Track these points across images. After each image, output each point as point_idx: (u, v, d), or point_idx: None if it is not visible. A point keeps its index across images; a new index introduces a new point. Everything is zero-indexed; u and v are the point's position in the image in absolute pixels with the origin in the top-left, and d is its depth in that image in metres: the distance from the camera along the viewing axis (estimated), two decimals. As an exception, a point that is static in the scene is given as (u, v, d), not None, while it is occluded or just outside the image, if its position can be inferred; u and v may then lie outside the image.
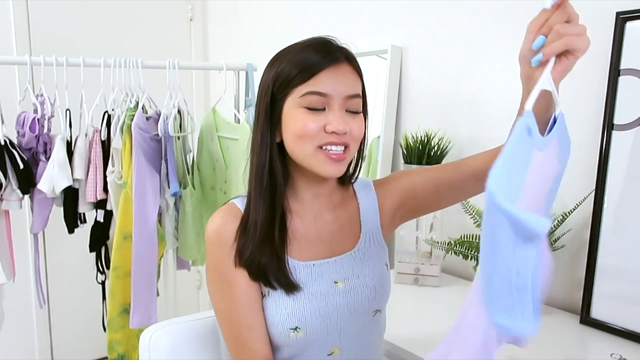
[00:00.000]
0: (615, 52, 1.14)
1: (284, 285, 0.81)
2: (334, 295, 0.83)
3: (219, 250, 0.83)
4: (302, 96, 0.78)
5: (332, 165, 0.79)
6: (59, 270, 2.32)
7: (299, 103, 0.78)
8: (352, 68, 0.82)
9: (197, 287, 2.80)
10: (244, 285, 0.82)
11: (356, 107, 0.81)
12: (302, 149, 0.79)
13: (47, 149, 1.57)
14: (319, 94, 0.77)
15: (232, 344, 0.85)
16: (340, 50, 0.81)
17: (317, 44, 0.80)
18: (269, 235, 0.82)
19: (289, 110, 0.80)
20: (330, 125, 0.77)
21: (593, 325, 1.16)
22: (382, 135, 1.67)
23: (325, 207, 0.89)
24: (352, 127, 0.79)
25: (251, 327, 0.82)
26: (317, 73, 0.78)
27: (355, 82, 0.82)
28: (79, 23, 2.29)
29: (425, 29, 1.60)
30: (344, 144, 0.79)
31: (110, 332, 1.64)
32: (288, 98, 0.79)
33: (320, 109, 0.78)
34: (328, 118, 0.78)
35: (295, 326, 0.81)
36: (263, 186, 0.82)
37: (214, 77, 2.61)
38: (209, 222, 0.85)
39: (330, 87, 0.78)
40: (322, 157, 0.79)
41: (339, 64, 0.79)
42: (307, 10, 2.04)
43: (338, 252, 0.87)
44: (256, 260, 0.81)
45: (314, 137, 0.78)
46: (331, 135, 0.78)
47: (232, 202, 0.88)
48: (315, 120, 0.78)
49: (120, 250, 1.58)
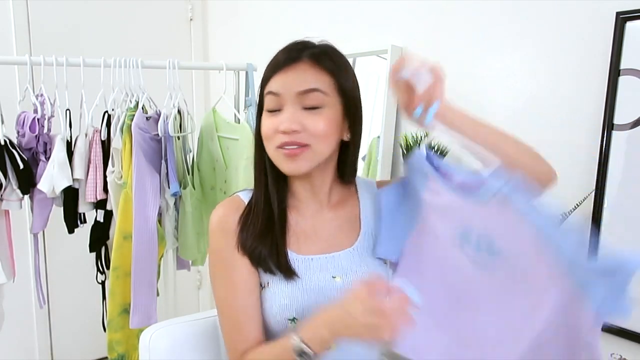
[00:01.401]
0: (615, 52, 1.14)
1: (283, 270, 0.84)
2: (331, 290, 0.85)
3: (221, 237, 0.86)
4: (264, 97, 0.84)
5: (288, 163, 0.83)
6: (59, 270, 2.32)
7: (264, 105, 0.85)
8: (312, 64, 0.82)
9: (197, 287, 2.80)
10: (244, 273, 0.85)
11: (313, 103, 0.81)
12: (268, 150, 0.85)
13: (47, 149, 1.57)
14: (272, 93, 0.82)
15: (228, 329, 0.87)
16: (304, 50, 0.83)
17: (287, 46, 0.85)
18: (269, 226, 0.85)
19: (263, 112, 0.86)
20: (281, 125, 0.81)
21: (593, 325, 1.16)
22: (382, 135, 1.66)
23: (324, 205, 0.91)
24: (307, 124, 0.80)
25: (246, 312, 0.84)
26: (274, 74, 0.82)
27: (313, 77, 0.81)
28: (79, 23, 2.29)
29: (425, 29, 1.60)
30: (294, 143, 0.81)
31: (110, 332, 1.64)
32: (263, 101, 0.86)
33: (277, 109, 0.82)
34: (280, 118, 0.81)
35: (293, 317, 0.83)
36: (262, 182, 0.88)
37: (214, 77, 2.61)
38: (212, 212, 0.89)
39: (280, 86, 0.82)
40: (280, 156, 0.83)
41: (295, 63, 0.82)
42: (307, 10, 2.04)
43: (337, 248, 0.89)
44: (257, 249, 0.84)
45: (271, 138, 0.83)
46: (283, 135, 0.81)
47: (237, 194, 0.92)
48: (271, 122, 0.83)
49: (120, 250, 1.58)
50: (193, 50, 2.63)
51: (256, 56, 1.92)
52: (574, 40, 1.23)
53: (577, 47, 1.23)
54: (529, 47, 1.35)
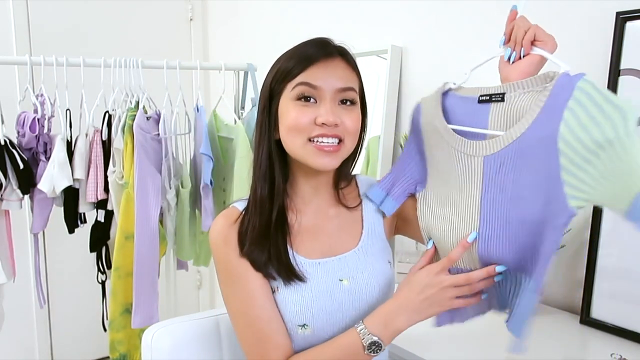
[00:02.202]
0: (615, 52, 1.14)
1: (290, 275, 0.82)
2: (339, 292, 0.84)
3: (225, 249, 0.83)
4: (294, 88, 0.80)
5: (323, 157, 0.80)
6: (59, 270, 2.32)
7: (291, 96, 0.80)
8: (345, 63, 0.83)
9: (197, 287, 2.80)
10: (256, 281, 0.82)
11: (350, 98, 0.82)
12: (293, 142, 0.81)
13: (47, 149, 1.57)
14: (309, 85, 0.79)
15: (251, 343, 0.83)
16: (334, 47, 0.83)
17: (313, 41, 0.83)
18: (268, 230, 0.82)
19: (283, 105, 0.82)
20: (320, 117, 0.78)
21: (593, 325, 1.17)
22: (382, 135, 1.67)
23: (326, 202, 0.90)
24: (345, 120, 0.80)
25: (271, 320, 0.82)
26: (309, 66, 0.80)
27: (349, 76, 0.83)
28: (79, 23, 2.29)
29: (425, 29, 1.61)
30: (335, 136, 0.80)
31: (112, 332, 1.64)
32: (283, 93, 0.82)
33: (312, 101, 0.80)
34: (319, 110, 0.79)
35: (303, 323, 0.81)
36: (267, 181, 0.84)
37: (214, 77, 2.61)
38: (211, 225, 0.86)
39: (320, 80, 0.79)
40: (312, 150, 0.80)
41: (331, 59, 0.81)
42: (307, 10, 2.04)
43: (342, 249, 0.88)
44: (255, 251, 0.82)
45: (304, 129, 0.79)
46: (321, 127, 0.79)
47: (233, 205, 0.89)
48: (306, 113, 0.79)
49: (122, 250, 1.58)
50: (193, 50, 2.63)
51: (256, 56, 1.92)
52: (574, 40, 1.23)
53: (577, 47, 1.23)
54: (529, 47, 1.35)
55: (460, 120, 0.80)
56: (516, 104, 0.73)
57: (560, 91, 0.66)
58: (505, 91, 0.75)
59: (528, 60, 0.76)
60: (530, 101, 0.71)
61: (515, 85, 0.74)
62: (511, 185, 0.73)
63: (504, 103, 0.75)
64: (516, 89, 0.73)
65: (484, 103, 0.78)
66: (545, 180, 0.69)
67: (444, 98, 0.84)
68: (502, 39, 0.82)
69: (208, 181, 1.62)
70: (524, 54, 0.76)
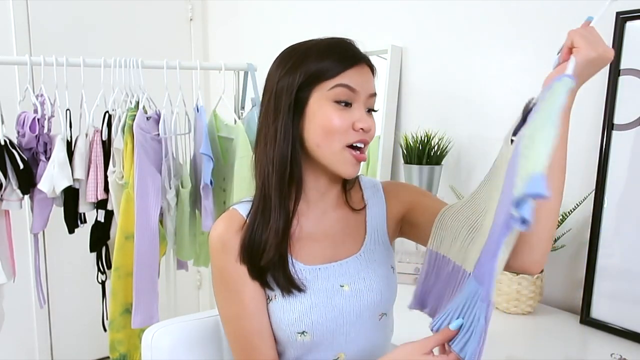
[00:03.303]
0: (615, 52, 1.14)
1: (289, 287, 0.80)
2: (340, 298, 0.83)
3: (223, 257, 0.82)
4: (331, 88, 0.78)
5: (355, 166, 0.80)
6: (59, 270, 2.32)
7: (327, 96, 0.78)
8: (369, 69, 0.84)
9: (197, 287, 2.80)
10: (251, 291, 0.81)
11: (374, 105, 0.84)
12: (329, 146, 0.78)
13: (47, 149, 1.57)
14: (348, 87, 0.78)
15: (240, 351, 0.84)
16: (361, 52, 0.84)
17: (343, 43, 0.82)
18: (277, 231, 0.80)
19: (315, 104, 0.78)
20: (359, 123, 0.78)
21: (593, 325, 1.17)
22: (382, 135, 1.67)
23: (331, 205, 0.88)
24: (372, 127, 0.81)
25: (260, 333, 0.82)
26: (348, 68, 0.79)
27: (374, 83, 0.84)
28: (79, 23, 2.29)
29: (425, 29, 1.61)
30: (366, 142, 0.81)
31: (112, 332, 1.64)
32: (315, 92, 0.78)
33: (348, 104, 0.79)
34: (355, 115, 0.79)
35: (303, 330, 0.80)
36: (280, 187, 0.80)
37: (214, 77, 2.61)
38: (212, 228, 0.84)
39: (358, 83, 0.79)
40: (348, 157, 0.79)
41: (362, 64, 0.81)
42: (307, 10, 2.04)
43: (344, 254, 0.87)
44: (263, 259, 0.80)
45: (342, 134, 0.78)
46: (359, 132, 0.79)
47: (233, 208, 0.86)
48: (343, 117, 0.78)
49: (122, 250, 1.58)
50: (193, 50, 2.63)
51: (256, 56, 1.92)
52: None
53: (577, 47, 1.23)
54: (528, 47, 1.35)
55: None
56: None
57: None
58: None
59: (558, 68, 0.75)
60: None
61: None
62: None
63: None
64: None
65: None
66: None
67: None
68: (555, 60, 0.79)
69: (208, 181, 1.62)
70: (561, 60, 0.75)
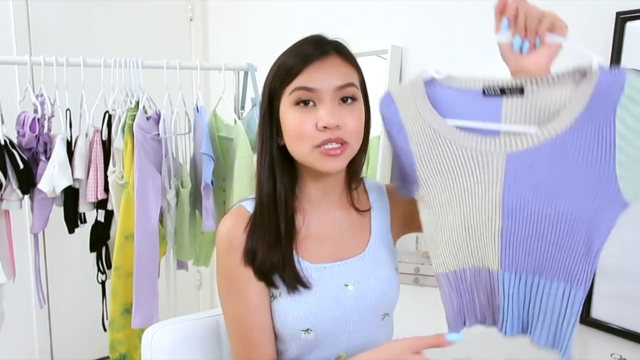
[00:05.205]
0: (615, 52, 1.14)
1: (295, 284, 0.81)
2: (344, 297, 0.83)
3: (230, 254, 0.82)
4: (291, 93, 0.78)
5: (332, 161, 0.78)
6: (59, 270, 2.32)
7: (289, 101, 0.78)
8: (342, 59, 0.80)
9: (197, 287, 2.80)
10: (255, 288, 0.82)
11: (351, 94, 0.79)
12: (300, 150, 0.79)
13: (47, 149, 1.57)
14: (305, 88, 0.77)
15: (240, 346, 0.84)
16: (329, 44, 0.80)
17: (307, 40, 0.81)
18: (277, 237, 0.81)
19: (283, 111, 0.80)
20: (321, 121, 0.76)
21: (593, 325, 1.17)
22: (382, 135, 1.67)
23: (334, 205, 0.88)
24: (347, 120, 0.77)
25: (262, 330, 0.82)
26: (304, 68, 0.77)
27: (347, 72, 0.80)
28: (79, 22, 2.29)
29: (425, 29, 1.61)
30: (339, 140, 0.77)
31: (112, 332, 1.64)
32: (282, 98, 0.79)
33: (311, 104, 0.77)
34: (320, 114, 0.77)
35: (307, 328, 0.81)
36: (269, 184, 0.82)
37: (214, 77, 2.61)
38: (219, 225, 0.85)
39: (317, 81, 0.77)
40: (318, 155, 0.78)
41: (327, 57, 0.78)
42: (307, 10, 2.04)
43: (348, 254, 0.87)
44: (266, 262, 0.81)
45: (308, 136, 0.77)
46: (324, 131, 0.76)
47: (241, 204, 0.87)
48: (307, 119, 0.77)
49: (122, 251, 1.58)
50: (193, 50, 2.63)
51: (256, 56, 1.92)
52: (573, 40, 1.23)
53: (577, 47, 1.23)
54: (529, 47, 1.35)
55: (459, 115, 0.74)
56: (542, 99, 0.69)
57: (607, 88, 0.64)
58: (524, 85, 0.70)
59: (547, 52, 0.73)
60: (563, 97, 0.68)
61: (538, 79, 0.69)
62: (547, 182, 0.70)
63: (523, 97, 0.70)
64: (539, 83, 0.69)
65: (491, 97, 0.73)
66: (596, 176, 0.67)
67: (427, 89, 0.77)
68: (504, 24, 0.76)
69: (209, 181, 1.62)
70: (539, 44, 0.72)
